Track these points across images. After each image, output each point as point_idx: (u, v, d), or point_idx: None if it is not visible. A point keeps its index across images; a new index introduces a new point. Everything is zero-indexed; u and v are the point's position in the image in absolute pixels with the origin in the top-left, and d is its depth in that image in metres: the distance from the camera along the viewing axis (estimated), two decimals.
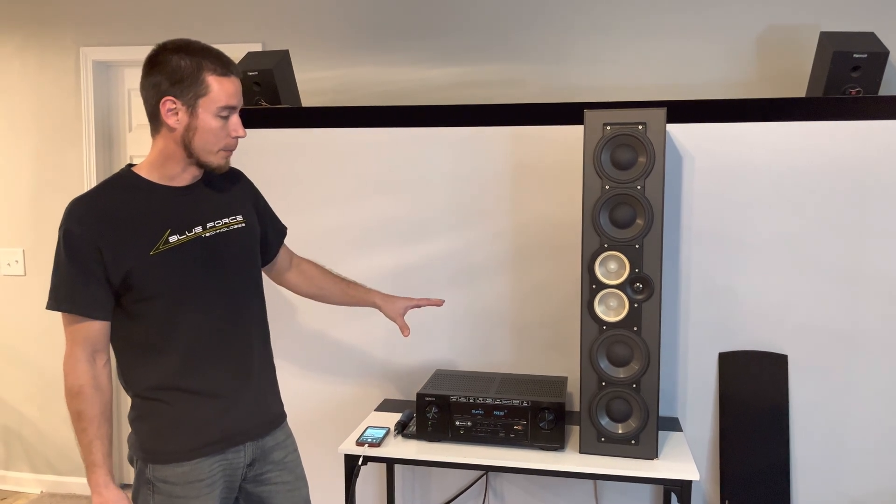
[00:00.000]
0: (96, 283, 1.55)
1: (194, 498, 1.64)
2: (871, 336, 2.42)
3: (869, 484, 2.44)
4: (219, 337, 1.68)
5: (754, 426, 2.48)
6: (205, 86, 1.58)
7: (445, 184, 2.67)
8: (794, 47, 2.71)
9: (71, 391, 1.58)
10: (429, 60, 2.98)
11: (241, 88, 1.66)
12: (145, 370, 1.64)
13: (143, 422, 1.66)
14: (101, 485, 1.58)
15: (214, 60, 1.61)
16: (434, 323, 2.71)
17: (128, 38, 3.26)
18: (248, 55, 2.83)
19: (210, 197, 1.72)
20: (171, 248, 1.61)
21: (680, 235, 2.51)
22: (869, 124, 2.37)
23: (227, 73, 1.61)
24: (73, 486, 3.47)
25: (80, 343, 1.58)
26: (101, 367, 1.61)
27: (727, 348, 2.51)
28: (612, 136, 2.13)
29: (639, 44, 2.82)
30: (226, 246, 1.71)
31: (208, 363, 1.67)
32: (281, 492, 1.80)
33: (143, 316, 1.61)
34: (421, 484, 2.78)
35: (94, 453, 1.57)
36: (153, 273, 1.58)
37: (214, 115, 1.59)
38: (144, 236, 1.59)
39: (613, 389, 2.17)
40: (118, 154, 3.42)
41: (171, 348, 1.63)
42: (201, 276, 1.65)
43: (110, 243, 1.55)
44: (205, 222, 1.68)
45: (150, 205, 1.62)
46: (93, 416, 1.57)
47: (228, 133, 1.63)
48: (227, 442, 1.69)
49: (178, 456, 1.63)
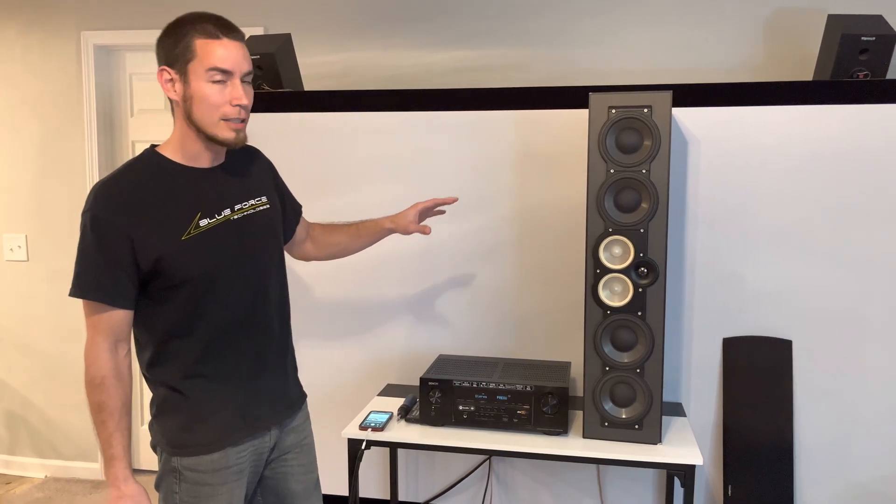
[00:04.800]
0: (122, 271, 1.50)
1: (221, 485, 1.62)
2: (876, 321, 2.41)
3: (874, 470, 2.44)
4: (241, 322, 1.64)
5: (758, 411, 2.48)
6: (191, 50, 1.51)
7: (449, 168, 2.66)
8: (802, 30, 2.68)
9: (93, 382, 1.53)
10: (433, 44, 2.95)
11: (239, 53, 1.55)
12: (168, 359, 1.60)
13: (167, 415, 1.63)
14: (120, 479, 1.54)
15: (206, 24, 1.53)
16: (438, 308, 2.70)
17: (129, 21, 3.24)
18: (249, 38, 2.81)
19: (235, 178, 1.68)
20: (201, 232, 1.57)
21: (685, 220, 2.50)
22: (877, 108, 2.35)
23: (218, 36, 1.52)
24: (78, 471, 3.49)
25: (102, 332, 1.53)
26: (123, 358, 1.57)
27: (731, 333, 2.51)
28: (618, 120, 2.11)
29: (645, 27, 2.79)
30: (252, 228, 1.67)
31: (231, 349, 1.63)
32: (296, 474, 1.78)
33: (169, 302, 1.56)
34: (424, 468, 2.78)
35: (113, 446, 1.54)
36: (184, 258, 1.54)
37: (206, 80, 1.52)
38: (175, 221, 1.54)
39: (617, 374, 2.17)
40: (120, 139, 3.40)
41: (195, 335, 1.59)
42: (229, 260, 1.61)
43: (140, 229, 1.50)
44: (232, 204, 1.64)
45: (177, 188, 1.57)
46: (114, 408, 1.54)
47: (227, 100, 1.54)
48: (251, 428, 1.66)
49: (204, 448, 1.60)
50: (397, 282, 2.73)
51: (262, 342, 1.69)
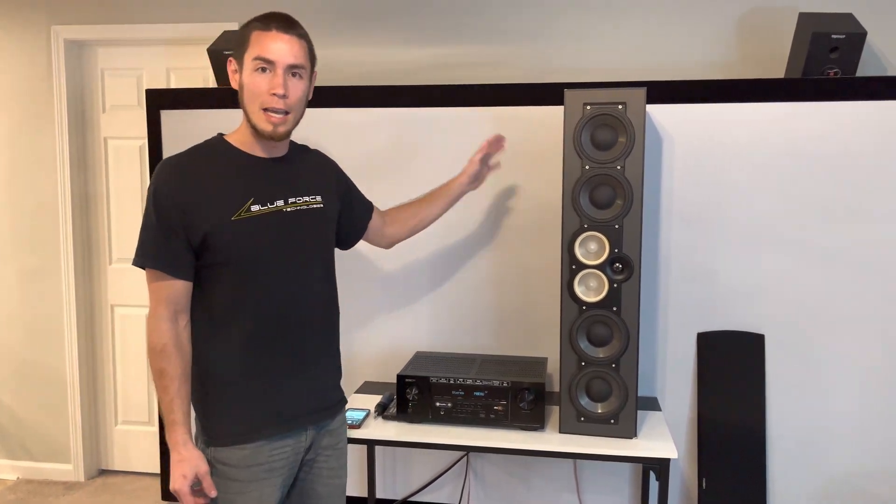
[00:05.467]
0: (179, 242, 1.57)
1: (251, 482, 1.63)
2: (847, 316, 2.45)
3: (845, 462, 2.48)
4: (282, 315, 1.66)
5: (732, 405, 2.51)
6: (247, 41, 1.60)
7: (426, 165, 2.65)
8: (775, 29, 2.71)
9: (154, 349, 1.58)
10: (409, 41, 2.95)
11: (286, 46, 1.60)
12: (211, 344, 1.64)
13: (204, 402, 1.66)
14: (180, 443, 1.58)
15: (264, 18, 1.62)
16: (415, 305, 2.70)
17: (101, 15, 3.19)
18: (223, 34, 2.79)
19: (294, 172, 1.73)
20: (251, 216, 1.61)
21: (660, 216, 2.52)
22: (847, 105, 2.39)
23: (269, 28, 1.59)
24: (50, 473, 3.44)
25: (163, 301, 1.58)
26: (183, 328, 1.61)
27: (706, 328, 2.53)
28: (593, 116, 2.12)
29: (621, 24, 2.81)
30: (302, 224, 1.70)
31: (271, 342, 1.65)
32: (322, 477, 1.77)
33: (214, 283, 1.61)
34: (402, 465, 2.78)
35: (174, 412, 1.57)
36: (231, 237, 1.59)
37: (253, 68, 1.59)
38: (228, 201, 1.60)
39: (593, 369, 2.18)
40: (92, 135, 3.36)
41: (237, 322, 1.62)
42: (275, 249, 1.64)
43: (193, 203, 1.57)
44: (286, 197, 1.68)
45: (235, 172, 1.64)
46: (174, 374, 1.57)
47: (267, 90, 1.59)
48: (286, 426, 1.67)
49: (238, 438, 1.63)
50: (374, 279, 2.73)
51: (302, 339, 1.71)
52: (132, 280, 3.36)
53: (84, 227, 3.38)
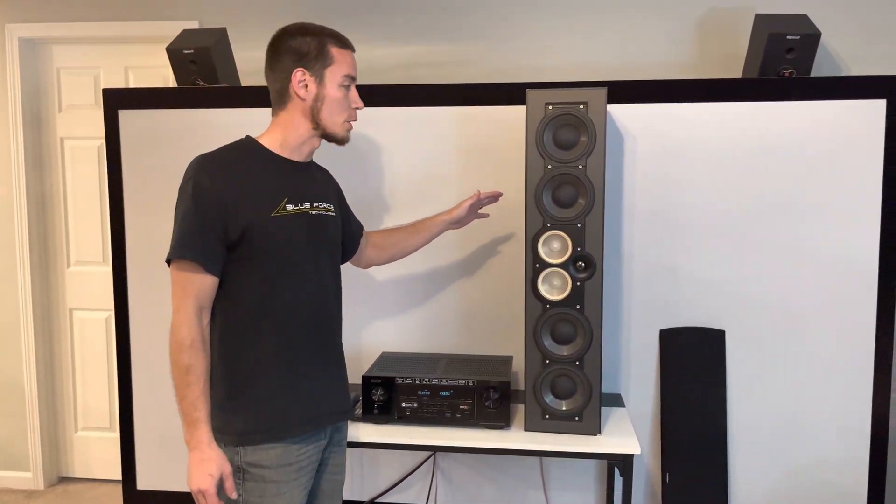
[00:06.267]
0: (216, 238, 1.60)
1: (285, 482, 1.66)
2: (804, 310, 2.50)
3: (804, 454, 2.53)
4: (308, 313, 1.73)
5: (694, 400, 2.54)
6: (330, 56, 1.71)
7: (390, 164, 2.65)
8: (732, 29, 2.76)
9: (182, 344, 1.57)
10: (371, 40, 2.93)
11: (357, 63, 1.79)
12: (244, 339, 1.66)
13: (235, 400, 1.66)
14: (204, 442, 1.57)
15: (334, 34, 1.75)
16: (380, 305, 2.69)
17: (56, 13, 3.12)
18: (183, 33, 2.74)
19: (315, 179, 1.83)
20: (287, 214, 1.69)
21: (622, 214, 2.55)
22: (802, 105, 2.43)
23: (347, 47, 1.76)
24: (9, 481, 3.36)
25: (191, 296, 1.59)
26: (206, 325, 1.63)
27: (668, 325, 2.57)
28: (555, 116, 2.13)
29: (584, 25, 2.83)
30: (323, 227, 1.78)
31: (300, 338, 1.71)
32: (328, 473, 1.83)
33: (248, 277, 1.64)
34: (368, 466, 2.77)
35: (199, 409, 1.57)
36: (269, 233, 1.64)
37: (339, 84, 1.73)
38: (267, 198, 1.66)
39: (557, 367, 2.20)
40: (48, 135, 3.28)
41: (269, 317, 1.66)
42: (303, 249, 1.71)
43: (235, 197, 1.61)
44: (312, 200, 1.76)
45: (270, 171, 1.71)
46: (201, 371, 1.58)
47: (351, 104, 1.77)
48: (312, 424, 1.72)
49: (270, 436, 1.64)
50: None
51: (328, 340, 1.80)
52: (91, 283, 3.29)
53: (41, 229, 3.31)
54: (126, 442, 2.80)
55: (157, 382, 2.74)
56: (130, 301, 2.77)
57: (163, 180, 2.70)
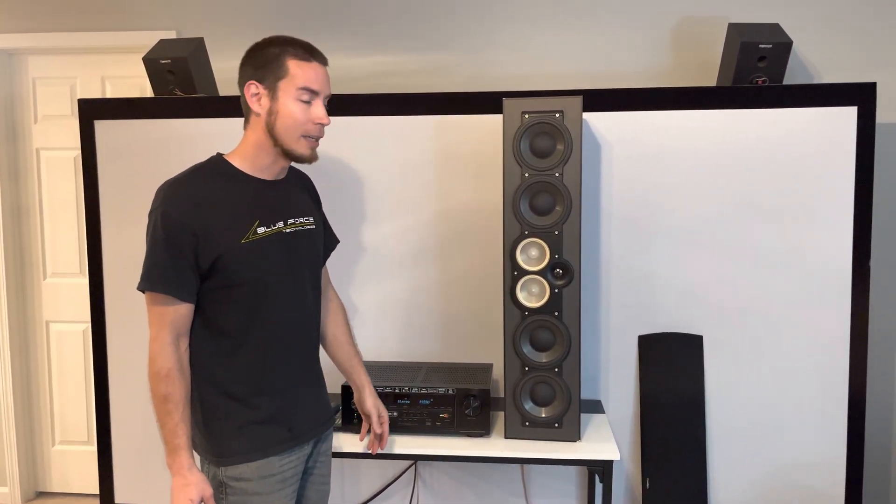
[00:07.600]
0: (187, 266, 1.58)
1: (268, 494, 1.65)
2: (780, 315, 2.53)
3: (781, 457, 2.55)
4: (291, 334, 1.72)
5: (673, 405, 2.56)
6: (284, 68, 1.63)
7: (369, 173, 2.65)
8: (706, 38, 2.80)
9: (159, 374, 1.57)
10: (350, 49, 2.94)
11: (326, 76, 1.69)
12: (223, 365, 1.65)
13: (214, 423, 1.66)
14: (185, 467, 1.57)
15: (297, 46, 1.66)
16: (360, 313, 2.69)
17: (32, 24, 3.10)
18: (160, 42, 2.73)
19: (291, 195, 1.77)
20: (258, 238, 1.65)
21: (599, 221, 2.56)
22: (775, 112, 2.47)
23: (309, 59, 1.66)
24: None
25: (166, 326, 1.58)
26: (184, 352, 1.62)
27: (646, 331, 2.58)
28: (531, 125, 2.15)
29: (560, 34, 2.86)
30: (299, 244, 1.74)
31: (280, 360, 1.70)
32: (315, 483, 1.84)
33: (224, 306, 1.63)
34: (349, 476, 2.76)
35: (178, 436, 1.57)
36: (241, 261, 1.61)
37: (295, 98, 1.64)
38: (236, 223, 1.62)
39: (537, 374, 2.20)
40: (23, 146, 3.25)
41: (249, 342, 1.65)
42: (280, 270, 1.68)
43: (204, 227, 1.58)
44: (286, 218, 1.72)
45: (240, 194, 1.66)
46: (178, 399, 1.57)
47: (310, 119, 1.66)
48: (294, 440, 1.71)
49: (249, 456, 1.64)
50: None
51: (307, 355, 1.80)
52: (67, 295, 3.26)
53: (16, 240, 3.27)
54: (103, 455, 2.77)
55: (135, 395, 2.72)
56: (107, 313, 2.75)
57: (139, 191, 2.68)
